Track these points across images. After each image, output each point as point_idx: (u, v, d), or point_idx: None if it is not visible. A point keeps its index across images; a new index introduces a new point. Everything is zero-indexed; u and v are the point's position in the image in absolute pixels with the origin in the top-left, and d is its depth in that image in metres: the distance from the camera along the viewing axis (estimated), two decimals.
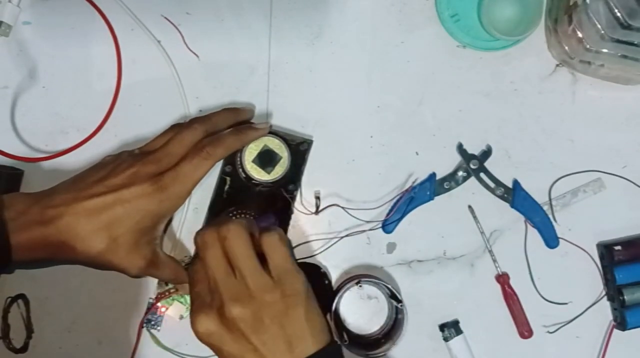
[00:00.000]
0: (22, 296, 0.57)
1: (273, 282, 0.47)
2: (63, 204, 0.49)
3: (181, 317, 0.57)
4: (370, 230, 0.59)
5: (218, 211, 0.57)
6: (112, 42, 0.59)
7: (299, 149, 0.58)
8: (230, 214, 0.57)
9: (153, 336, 0.57)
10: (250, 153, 0.56)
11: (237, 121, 0.57)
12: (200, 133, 0.53)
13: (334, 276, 0.59)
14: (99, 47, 0.59)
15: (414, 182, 0.59)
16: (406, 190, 0.59)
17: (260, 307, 0.46)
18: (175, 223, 0.58)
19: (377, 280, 0.56)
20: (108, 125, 0.59)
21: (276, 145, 0.56)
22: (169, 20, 0.60)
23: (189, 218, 0.59)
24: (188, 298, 0.57)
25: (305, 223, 0.59)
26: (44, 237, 0.48)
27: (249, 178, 0.56)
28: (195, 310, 0.47)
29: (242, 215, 0.57)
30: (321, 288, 0.57)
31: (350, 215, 0.58)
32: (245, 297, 0.46)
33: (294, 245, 0.59)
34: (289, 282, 0.47)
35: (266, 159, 0.56)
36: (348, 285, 0.56)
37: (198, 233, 0.49)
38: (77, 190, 0.49)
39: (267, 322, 0.46)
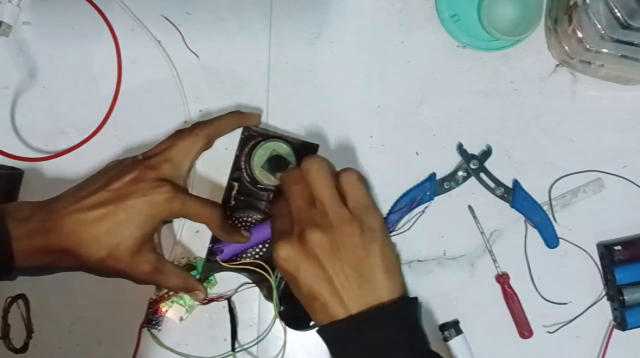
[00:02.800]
0: (22, 296, 0.57)
1: (352, 215, 0.48)
2: (65, 212, 0.49)
3: (181, 319, 0.57)
4: None
5: (226, 216, 0.57)
6: (112, 42, 0.59)
7: (304, 153, 0.58)
8: (236, 219, 0.57)
9: (154, 336, 0.57)
10: (260, 158, 0.56)
11: (242, 126, 0.57)
12: (202, 139, 0.54)
13: None
14: (99, 47, 0.59)
15: (417, 198, 0.59)
16: (411, 204, 0.59)
17: (339, 236, 0.47)
18: (175, 223, 0.58)
19: None
20: (108, 125, 0.59)
21: (285, 151, 0.56)
22: (169, 20, 0.60)
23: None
24: (187, 299, 0.57)
25: None
26: (46, 244, 0.48)
27: (254, 182, 0.56)
28: (277, 239, 0.48)
29: (249, 220, 0.57)
30: None
31: None
32: (325, 225, 0.47)
33: None
34: (366, 218, 0.48)
35: (275, 164, 0.56)
36: None
37: (285, 172, 0.51)
38: (80, 198, 0.50)
39: (343, 252, 0.46)
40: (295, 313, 0.56)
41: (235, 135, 0.58)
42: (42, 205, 0.50)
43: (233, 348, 0.57)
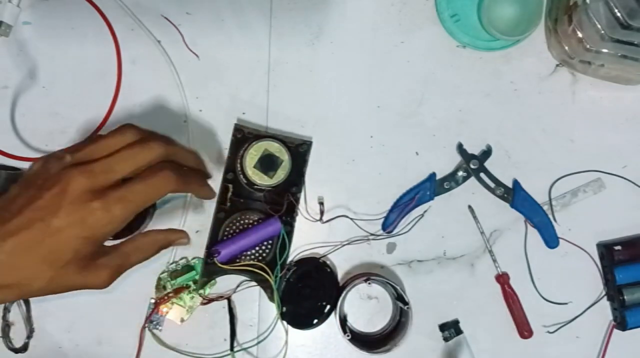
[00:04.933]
0: None
1: None
2: None
3: (182, 320, 0.57)
4: (374, 239, 0.59)
5: (223, 219, 0.57)
6: (112, 42, 0.59)
7: (299, 150, 0.58)
8: (234, 221, 0.57)
9: (155, 336, 0.57)
10: (251, 158, 0.55)
11: (197, 167, 0.55)
12: (157, 156, 0.46)
13: None
14: (99, 47, 0.59)
15: (415, 197, 0.59)
16: (409, 203, 0.59)
17: None
18: (175, 224, 0.58)
19: (386, 280, 0.56)
20: (108, 125, 0.59)
21: (276, 149, 0.56)
22: (169, 20, 0.60)
23: (190, 218, 0.59)
24: (187, 300, 0.57)
25: (309, 226, 0.59)
26: None
27: (250, 183, 0.56)
28: None
29: (247, 221, 0.57)
30: (324, 277, 0.58)
31: (358, 226, 0.58)
32: None
33: (298, 248, 0.59)
34: None
35: (267, 163, 0.56)
36: (356, 282, 0.56)
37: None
38: (4, 220, 0.42)
39: None
40: (298, 313, 0.57)
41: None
42: None
43: (232, 348, 0.57)
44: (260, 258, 0.57)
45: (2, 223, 0.42)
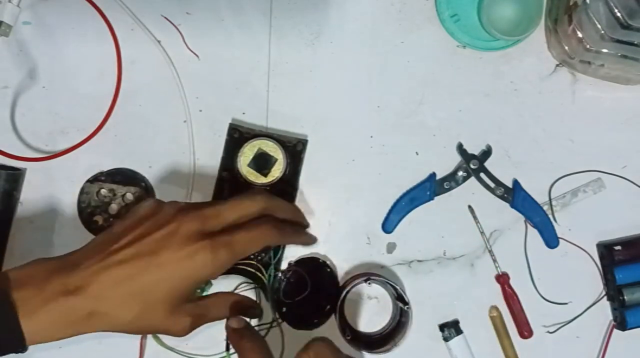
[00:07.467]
0: None
1: None
2: (90, 271, 0.44)
3: None
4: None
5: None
6: (112, 42, 0.59)
7: (295, 149, 0.58)
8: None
9: (155, 336, 0.57)
10: (246, 157, 0.55)
11: (295, 220, 0.56)
12: (259, 206, 0.49)
13: None
14: (99, 47, 0.59)
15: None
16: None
17: None
18: None
19: (386, 280, 0.56)
20: (108, 125, 0.59)
21: (271, 148, 0.56)
22: (169, 20, 0.60)
23: None
24: None
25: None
26: (68, 311, 0.44)
27: (247, 183, 0.56)
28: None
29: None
30: (324, 277, 0.58)
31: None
32: None
33: (298, 248, 0.59)
34: None
35: (261, 162, 0.56)
36: (356, 282, 0.56)
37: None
38: (107, 253, 0.45)
39: None
40: (298, 313, 0.57)
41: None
42: (63, 263, 0.44)
43: (227, 349, 0.57)
44: (251, 257, 0.56)
45: (108, 255, 0.44)
